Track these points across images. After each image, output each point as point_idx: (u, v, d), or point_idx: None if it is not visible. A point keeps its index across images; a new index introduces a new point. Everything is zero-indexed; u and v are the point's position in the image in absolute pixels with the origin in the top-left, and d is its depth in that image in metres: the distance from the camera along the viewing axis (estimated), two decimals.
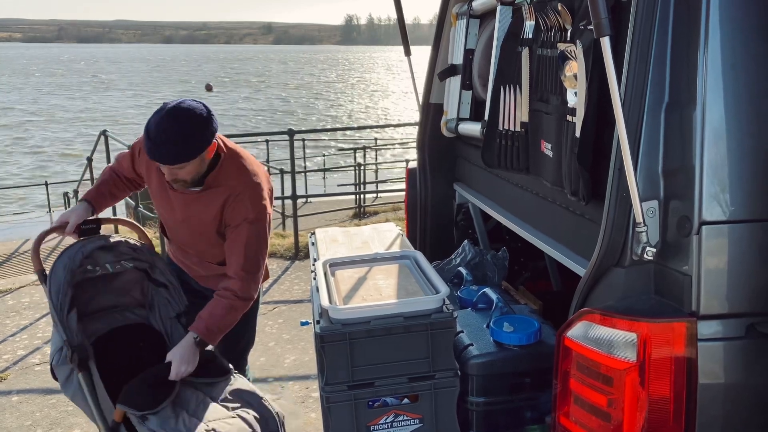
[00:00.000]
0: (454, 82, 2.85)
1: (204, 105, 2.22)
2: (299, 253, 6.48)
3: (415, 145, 3.29)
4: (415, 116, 3.49)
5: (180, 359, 2.22)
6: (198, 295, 2.59)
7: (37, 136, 26.00)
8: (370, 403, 1.91)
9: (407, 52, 3.06)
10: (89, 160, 8.59)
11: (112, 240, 2.44)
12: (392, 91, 51.15)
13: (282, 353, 4.27)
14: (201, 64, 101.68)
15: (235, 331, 2.59)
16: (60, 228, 2.43)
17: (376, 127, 23.46)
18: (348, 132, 20.92)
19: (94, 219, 2.50)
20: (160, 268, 2.49)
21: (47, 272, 2.29)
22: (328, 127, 26.39)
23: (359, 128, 20.59)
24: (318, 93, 49.12)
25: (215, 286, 2.49)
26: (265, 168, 2.56)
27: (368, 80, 64.26)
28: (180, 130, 2.10)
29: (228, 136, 2.59)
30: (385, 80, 62.88)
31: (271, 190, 2.47)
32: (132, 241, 2.49)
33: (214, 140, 2.24)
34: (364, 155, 12.15)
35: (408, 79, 3.24)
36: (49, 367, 2.36)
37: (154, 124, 2.12)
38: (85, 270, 2.36)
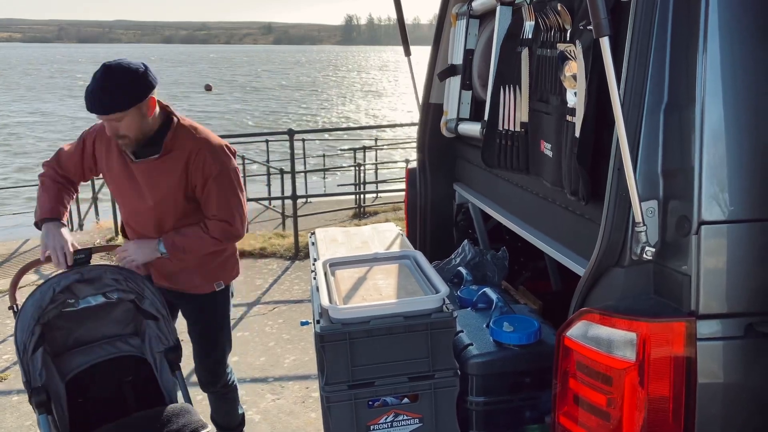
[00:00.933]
0: (454, 82, 2.85)
1: (143, 63, 2.30)
2: (299, 253, 6.48)
3: (415, 145, 3.29)
4: (409, 117, 3.49)
5: (135, 247, 2.42)
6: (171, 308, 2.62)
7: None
8: (370, 403, 1.91)
9: (407, 53, 3.06)
10: None
11: (92, 272, 2.30)
12: (384, 91, 51.06)
13: (282, 353, 4.28)
14: (195, 64, 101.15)
15: (208, 339, 2.64)
16: (46, 261, 2.37)
17: (376, 127, 23.44)
18: (348, 132, 20.91)
19: (84, 249, 2.37)
20: (150, 299, 2.38)
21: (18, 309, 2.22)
22: (324, 127, 26.45)
23: (359, 128, 20.60)
24: (310, 92, 48.91)
25: (186, 285, 2.57)
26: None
27: (362, 80, 64.15)
28: (113, 80, 2.21)
29: (226, 137, 2.61)
30: (378, 80, 62.80)
31: (230, 149, 2.51)
32: (117, 270, 2.36)
33: (152, 96, 2.30)
34: (364, 155, 12.15)
35: (401, 79, 3.25)
36: None
37: (92, 78, 2.22)
38: (61, 304, 2.25)
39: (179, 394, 2.42)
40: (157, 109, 2.37)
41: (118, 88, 2.20)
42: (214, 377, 2.79)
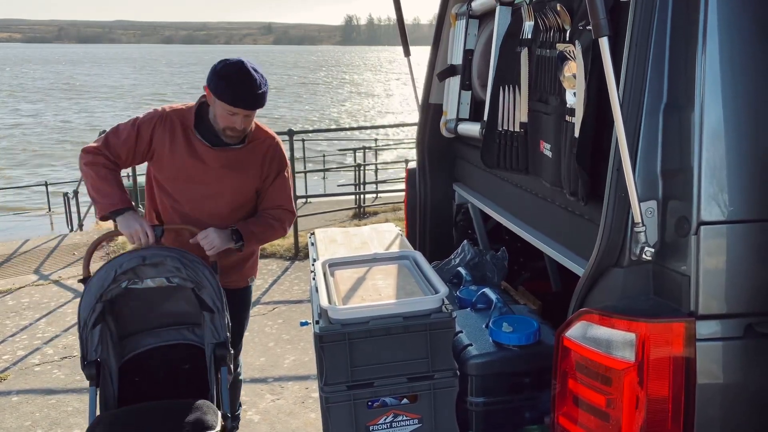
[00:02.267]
0: (454, 83, 2.85)
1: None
2: (299, 253, 6.48)
3: (414, 145, 3.29)
4: (402, 118, 3.50)
5: (215, 233, 2.45)
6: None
7: None
8: (370, 404, 1.91)
9: (407, 53, 3.06)
10: None
11: (155, 257, 2.34)
12: (372, 91, 50.90)
13: (282, 353, 4.28)
14: (185, 65, 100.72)
15: (234, 332, 2.63)
16: (135, 237, 2.40)
17: (377, 127, 23.46)
18: (348, 132, 20.92)
19: (158, 226, 2.48)
20: (208, 289, 2.37)
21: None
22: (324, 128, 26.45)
23: (359, 128, 20.60)
24: (301, 93, 48.79)
25: (227, 280, 2.61)
26: None
27: (354, 81, 63.96)
28: (259, 77, 2.36)
29: None
30: (369, 82, 62.58)
31: None
32: (180, 256, 2.36)
33: None
34: (364, 155, 12.15)
35: (397, 80, 3.26)
36: (48, 367, 2.38)
37: (235, 71, 2.33)
38: (126, 281, 2.32)
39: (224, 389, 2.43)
40: None
41: (264, 83, 2.38)
42: (236, 346, 2.87)
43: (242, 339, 2.88)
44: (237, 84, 2.32)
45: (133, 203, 2.55)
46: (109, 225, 8.04)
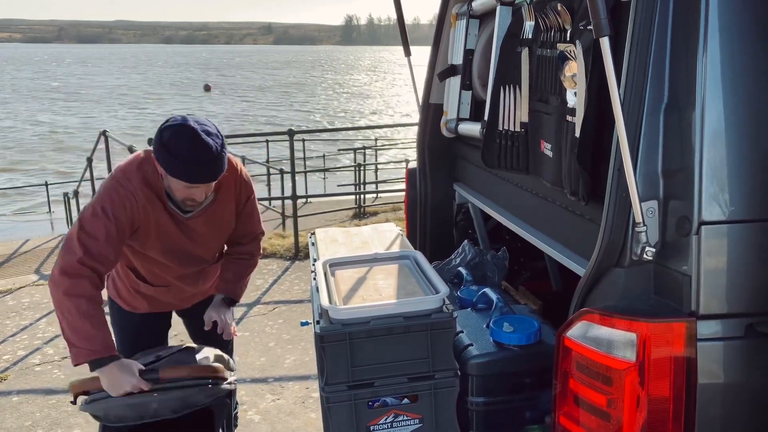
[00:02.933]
0: (454, 83, 2.85)
1: (207, 119, 2.20)
2: (299, 253, 6.48)
3: (414, 145, 3.29)
4: (390, 119, 3.49)
5: (221, 316, 2.41)
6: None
7: None
8: (370, 404, 1.91)
9: (407, 53, 3.06)
10: (89, 160, 8.60)
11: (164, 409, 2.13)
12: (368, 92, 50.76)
13: (282, 353, 4.28)
14: (176, 66, 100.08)
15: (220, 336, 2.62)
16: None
17: (377, 127, 23.47)
18: (348, 132, 20.92)
19: (150, 371, 2.11)
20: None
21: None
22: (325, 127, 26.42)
23: (359, 128, 20.60)
24: (290, 94, 48.65)
25: (206, 292, 2.60)
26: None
27: (346, 81, 63.72)
28: (213, 145, 2.06)
29: (226, 137, 2.60)
30: (364, 82, 62.26)
31: None
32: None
33: None
34: (365, 155, 12.15)
35: (391, 80, 3.26)
36: (49, 367, 2.35)
37: (186, 147, 2.01)
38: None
39: None
40: None
41: (218, 152, 2.07)
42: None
43: (230, 343, 2.77)
44: (192, 161, 2.02)
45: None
46: None
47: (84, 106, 38.14)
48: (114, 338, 2.22)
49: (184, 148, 2.01)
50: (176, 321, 2.79)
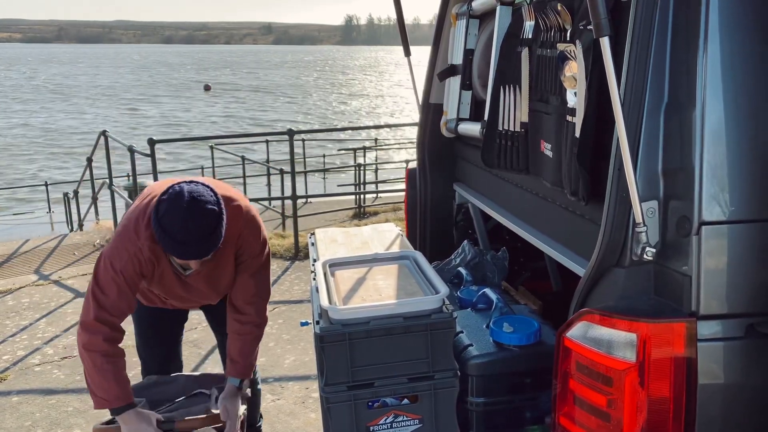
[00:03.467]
0: (454, 83, 2.84)
1: (203, 185, 2.14)
2: (299, 253, 6.48)
3: (414, 145, 3.29)
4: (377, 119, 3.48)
5: (229, 407, 2.30)
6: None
7: None
8: (370, 404, 1.91)
9: (407, 53, 3.06)
10: (89, 160, 8.60)
11: None
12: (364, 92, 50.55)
13: (282, 353, 4.27)
14: (166, 65, 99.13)
15: None
16: None
17: (377, 127, 23.46)
18: (348, 132, 20.91)
19: (167, 422, 2.23)
20: None
21: None
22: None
23: (359, 128, 20.61)
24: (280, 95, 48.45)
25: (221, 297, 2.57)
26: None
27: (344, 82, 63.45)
28: (205, 224, 2.05)
29: (226, 137, 2.58)
30: (359, 81, 61.89)
31: (257, 217, 2.42)
32: None
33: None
34: (365, 155, 12.15)
35: (384, 80, 3.25)
36: (48, 367, 2.36)
37: (177, 227, 2.02)
38: None
39: None
40: None
41: (211, 231, 2.06)
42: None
43: None
44: (182, 242, 2.03)
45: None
46: (109, 226, 8.05)
47: (65, 105, 38.14)
48: (133, 325, 2.52)
49: (176, 227, 2.02)
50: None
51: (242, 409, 2.37)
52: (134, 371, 2.75)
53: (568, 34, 1.82)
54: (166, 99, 42.92)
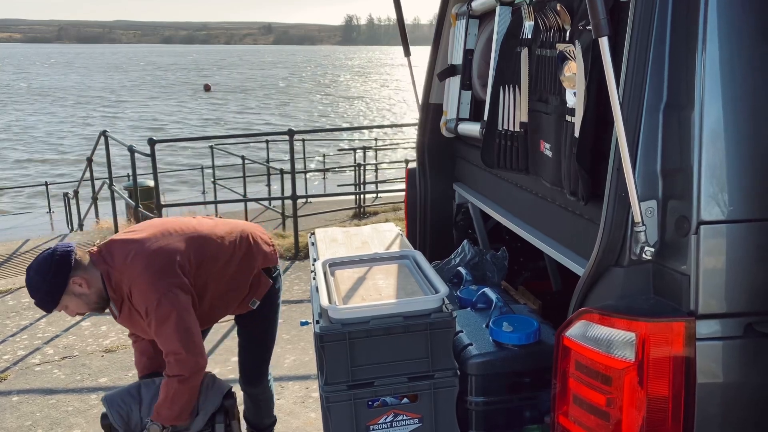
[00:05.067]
0: (454, 83, 2.85)
1: (55, 251, 2.34)
2: (299, 253, 6.48)
3: (414, 145, 3.29)
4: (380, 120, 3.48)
5: None
6: None
7: None
8: (370, 403, 1.91)
9: (407, 53, 3.06)
10: (89, 160, 8.60)
11: None
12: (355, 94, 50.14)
13: (282, 353, 4.27)
14: (158, 66, 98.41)
15: (254, 339, 2.76)
16: None
17: (376, 127, 23.48)
18: (348, 132, 20.92)
19: None
20: None
21: None
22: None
23: (359, 128, 20.61)
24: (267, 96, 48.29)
25: (227, 316, 2.68)
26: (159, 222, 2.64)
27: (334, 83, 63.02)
28: (33, 285, 2.32)
29: (226, 137, 2.59)
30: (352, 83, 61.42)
31: (167, 257, 2.39)
32: None
33: (75, 277, 2.32)
34: (365, 155, 12.16)
35: (379, 82, 3.25)
36: (49, 367, 2.39)
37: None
38: None
39: None
40: (90, 281, 2.35)
41: (37, 291, 2.32)
42: (255, 381, 2.91)
43: (262, 346, 2.87)
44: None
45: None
46: (109, 226, 8.04)
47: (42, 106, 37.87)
48: None
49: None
50: None
51: None
52: (133, 372, 2.74)
53: (568, 35, 1.82)
54: (131, 102, 42.39)
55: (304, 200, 10.00)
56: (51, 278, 2.30)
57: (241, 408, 2.99)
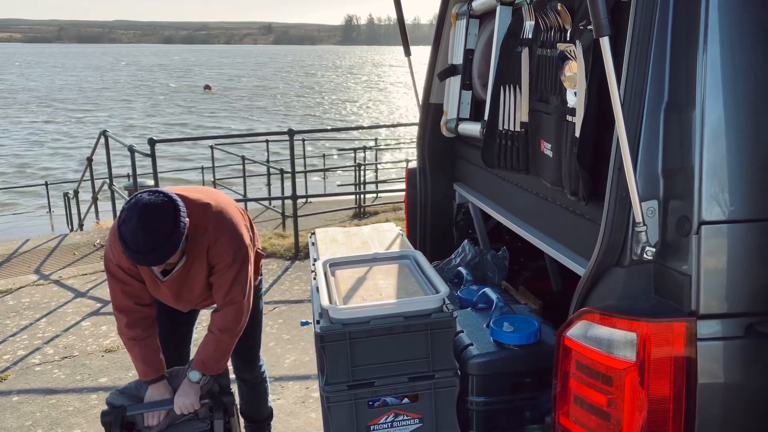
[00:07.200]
0: (454, 82, 2.85)
1: (163, 194, 2.20)
2: (299, 253, 6.48)
3: (414, 145, 3.29)
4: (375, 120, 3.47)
5: (182, 397, 2.43)
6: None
7: None
8: (370, 403, 1.91)
9: (407, 53, 3.06)
10: (89, 160, 8.60)
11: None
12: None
13: (282, 353, 4.27)
14: (143, 67, 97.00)
15: (245, 335, 2.65)
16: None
17: (377, 127, 23.48)
18: (348, 132, 20.91)
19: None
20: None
21: None
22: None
23: (359, 128, 20.60)
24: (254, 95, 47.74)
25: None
26: (232, 198, 2.61)
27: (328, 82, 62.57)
28: (158, 235, 2.11)
29: (225, 136, 2.59)
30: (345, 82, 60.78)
31: (246, 219, 2.52)
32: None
33: (186, 220, 2.21)
34: (365, 155, 12.16)
35: (373, 83, 3.25)
36: (49, 367, 2.39)
37: (129, 236, 2.11)
38: None
39: None
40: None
41: (165, 240, 2.12)
42: (249, 365, 2.90)
43: (251, 337, 2.82)
44: (132, 250, 2.12)
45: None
46: (109, 226, 8.04)
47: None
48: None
49: (128, 236, 2.11)
50: None
51: (195, 404, 2.44)
52: (133, 372, 2.74)
53: (568, 34, 1.82)
54: (112, 103, 41.66)
55: (304, 200, 10.00)
56: (177, 221, 2.15)
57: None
